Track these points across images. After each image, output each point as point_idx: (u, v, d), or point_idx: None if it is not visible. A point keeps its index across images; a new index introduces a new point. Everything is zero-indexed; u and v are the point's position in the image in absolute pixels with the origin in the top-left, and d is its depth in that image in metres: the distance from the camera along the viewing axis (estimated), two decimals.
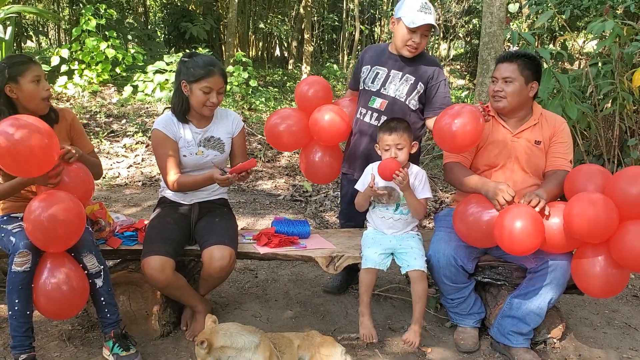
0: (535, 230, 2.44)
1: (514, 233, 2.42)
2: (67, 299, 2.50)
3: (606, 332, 3.16)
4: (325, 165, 3.47)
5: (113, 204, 5.15)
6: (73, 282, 2.50)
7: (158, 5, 19.06)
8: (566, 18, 6.22)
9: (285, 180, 6.35)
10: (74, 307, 2.57)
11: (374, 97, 3.20)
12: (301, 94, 3.41)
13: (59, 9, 16.41)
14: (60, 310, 2.55)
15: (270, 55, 21.67)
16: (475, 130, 2.63)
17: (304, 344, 2.61)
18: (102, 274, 2.61)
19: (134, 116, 8.37)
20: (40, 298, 2.48)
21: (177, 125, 2.94)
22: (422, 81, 3.14)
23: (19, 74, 2.59)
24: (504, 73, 2.82)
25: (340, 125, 3.24)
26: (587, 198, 2.42)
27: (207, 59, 2.86)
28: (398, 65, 3.17)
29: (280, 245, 2.97)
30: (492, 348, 2.92)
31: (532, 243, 2.45)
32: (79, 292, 2.53)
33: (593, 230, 2.37)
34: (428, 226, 4.78)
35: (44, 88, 2.66)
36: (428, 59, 3.21)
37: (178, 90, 2.90)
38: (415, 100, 3.16)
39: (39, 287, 2.47)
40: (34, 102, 2.66)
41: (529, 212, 2.46)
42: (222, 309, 3.26)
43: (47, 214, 2.32)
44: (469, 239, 2.72)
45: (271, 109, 10.10)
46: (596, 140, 4.93)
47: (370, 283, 2.79)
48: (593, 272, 2.52)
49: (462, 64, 18.64)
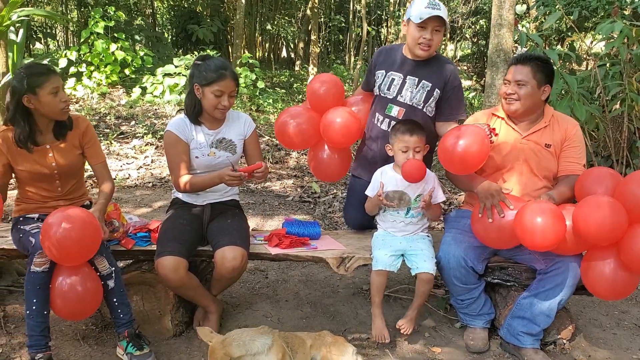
0: (557, 224, 2.42)
1: (535, 227, 2.41)
2: (82, 301, 2.54)
3: (616, 333, 3.17)
4: (333, 162, 3.41)
5: (124, 205, 5.19)
6: (87, 284, 2.54)
7: (165, 7, 19.14)
8: (574, 19, 6.23)
9: (293, 182, 6.37)
10: (87, 308, 2.61)
11: (390, 104, 3.17)
12: (313, 91, 3.33)
13: (67, 11, 16.51)
14: (75, 312, 2.59)
15: (277, 56, 21.72)
16: (480, 153, 2.65)
17: (315, 344, 2.63)
18: (114, 276, 2.65)
19: (143, 118, 8.42)
20: (56, 300, 2.52)
21: (190, 127, 2.97)
22: (439, 87, 3.10)
23: (38, 85, 2.60)
24: (517, 76, 2.82)
25: (353, 130, 3.18)
26: (595, 201, 2.43)
27: (219, 63, 2.89)
28: (413, 70, 3.13)
29: (291, 246, 2.99)
30: (502, 349, 2.93)
31: (554, 237, 2.43)
32: (92, 294, 2.57)
33: (600, 233, 2.38)
34: (437, 227, 4.79)
35: (62, 99, 2.67)
36: (443, 62, 3.18)
37: (191, 92, 2.93)
38: (432, 107, 3.14)
39: (55, 289, 2.51)
40: (52, 113, 2.69)
41: (551, 207, 2.45)
42: (233, 309, 3.29)
43: (62, 233, 2.36)
44: (486, 240, 2.73)
45: (278, 110, 10.13)
46: (605, 142, 4.93)
47: (381, 284, 2.81)
48: (602, 274, 2.53)
49: (469, 65, 18.63)
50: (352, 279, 3.80)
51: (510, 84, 2.85)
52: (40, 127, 2.73)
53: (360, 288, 3.64)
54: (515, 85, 2.82)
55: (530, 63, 2.81)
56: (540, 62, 2.83)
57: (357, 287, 3.67)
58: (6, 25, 5.85)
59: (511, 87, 2.84)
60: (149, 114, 8.78)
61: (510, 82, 2.84)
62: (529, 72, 2.80)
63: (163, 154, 7.11)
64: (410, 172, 2.75)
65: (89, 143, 2.89)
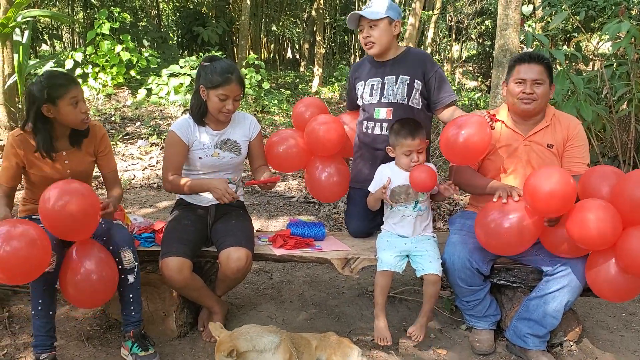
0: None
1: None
2: (96, 287, 2.49)
3: (623, 335, 3.14)
4: (332, 183, 3.27)
5: (129, 205, 5.20)
6: (102, 270, 2.50)
7: (171, 8, 19.19)
8: (581, 19, 6.20)
9: (298, 183, 6.37)
10: (100, 294, 2.54)
11: (377, 108, 3.18)
12: (298, 115, 3.34)
13: (73, 12, 16.57)
14: (89, 298, 2.52)
15: (282, 57, 21.77)
16: (482, 140, 2.64)
17: (321, 345, 2.62)
18: (135, 271, 2.66)
19: (149, 119, 8.44)
20: (68, 287, 2.48)
21: (193, 128, 2.97)
22: (418, 78, 3.11)
23: (58, 96, 2.58)
24: (533, 75, 2.78)
25: (335, 129, 3.11)
26: (584, 206, 2.37)
27: (225, 66, 2.87)
28: (388, 70, 3.16)
29: (296, 247, 2.98)
30: (508, 350, 2.91)
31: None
32: (108, 280, 2.53)
33: (591, 238, 2.34)
34: (442, 228, 4.78)
35: (81, 110, 2.66)
36: (415, 54, 3.20)
37: (197, 93, 2.93)
38: (417, 99, 3.14)
39: (68, 274, 2.46)
40: (72, 123, 2.69)
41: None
42: (238, 310, 3.29)
43: (60, 204, 2.30)
44: (489, 246, 2.67)
45: (283, 111, 10.14)
46: (611, 142, 4.90)
47: (385, 286, 2.80)
48: (605, 276, 2.48)
49: (475, 66, 18.59)
50: (358, 280, 3.79)
51: (526, 83, 2.80)
52: (58, 134, 2.73)
53: (365, 289, 3.63)
54: (533, 84, 2.79)
55: (542, 62, 2.80)
56: (547, 60, 2.83)
57: (363, 289, 3.66)
58: (12, 26, 5.88)
59: (528, 86, 2.80)
60: (155, 114, 8.80)
61: (526, 81, 2.80)
62: (543, 70, 2.79)
63: None
64: (420, 184, 2.77)
65: (103, 151, 2.90)
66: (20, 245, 2.17)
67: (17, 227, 2.23)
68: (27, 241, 2.19)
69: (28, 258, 2.20)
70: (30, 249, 2.20)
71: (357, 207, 3.26)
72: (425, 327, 2.84)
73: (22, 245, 2.18)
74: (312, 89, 13.78)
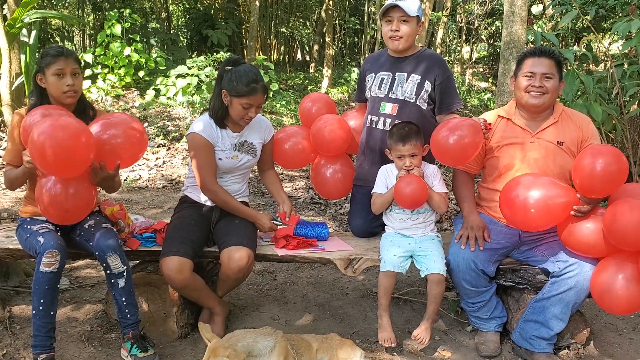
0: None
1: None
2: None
3: (632, 338, 3.08)
4: (337, 180, 3.37)
5: (134, 206, 5.19)
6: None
7: (181, 10, 19.25)
8: (591, 18, 6.12)
9: (305, 183, 6.34)
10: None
11: (383, 102, 3.17)
12: (304, 111, 3.41)
13: (83, 14, 16.66)
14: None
15: (292, 58, 21.77)
16: (473, 144, 2.67)
17: (322, 347, 2.58)
18: (125, 275, 2.62)
19: (156, 120, 8.44)
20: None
21: (216, 129, 2.95)
22: (429, 79, 3.10)
23: (46, 65, 2.63)
24: (543, 69, 2.73)
25: (340, 129, 3.19)
26: (629, 204, 2.35)
27: (251, 75, 2.82)
28: (401, 67, 3.16)
29: (298, 247, 2.95)
30: (514, 353, 2.86)
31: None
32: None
33: (629, 237, 2.32)
34: (449, 229, 4.72)
35: (65, 83, 2.64)
36: (430, 56, 3.19)
37: (218, 96, 2.89)
38: (424, 100, 3.12)
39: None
40: (56, 95, 2.67)
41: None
42: (240, 311, 3.26)
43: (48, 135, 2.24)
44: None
45: (292, 112, 10.13)
46: (622, 143, 4.82)
47: (389, 286, 2.76)
48: (614, 287, 2.45)
49: (485, 67, 18.50)
50: (362, 281, 3.75)
51: (535, 77, 2.74)
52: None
53: (369, 290, 3.59)
54: (543, 78, 2.74)
55: (552, 56, 2.75)
56: (557, 55, 2.78)
57: (367, 290, 3.62)
58: (19, 27, 5.90)
59: (538, 80, 2.74)
60: (162, 115, 8.81)
61: (536, 74, 2.74)
62: (553, 65, 2.74)
63: (174, 155, 7.12)
64: (409, 202, 2.77)
65: None
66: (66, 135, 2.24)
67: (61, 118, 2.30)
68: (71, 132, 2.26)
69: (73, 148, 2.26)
70: (75, 140, 2.27)
71: (359, 205, 3.24)
72: (431, 329, 2.79)
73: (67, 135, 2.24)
74: (322, 90, 13.75)
